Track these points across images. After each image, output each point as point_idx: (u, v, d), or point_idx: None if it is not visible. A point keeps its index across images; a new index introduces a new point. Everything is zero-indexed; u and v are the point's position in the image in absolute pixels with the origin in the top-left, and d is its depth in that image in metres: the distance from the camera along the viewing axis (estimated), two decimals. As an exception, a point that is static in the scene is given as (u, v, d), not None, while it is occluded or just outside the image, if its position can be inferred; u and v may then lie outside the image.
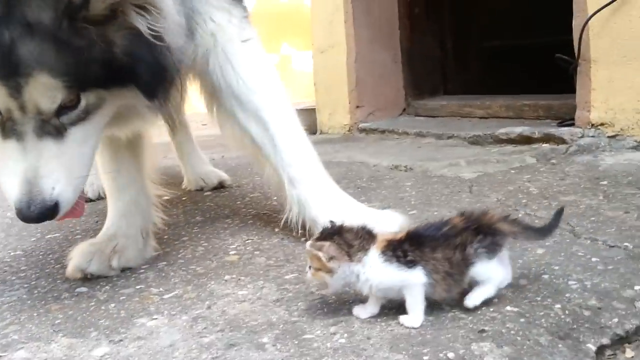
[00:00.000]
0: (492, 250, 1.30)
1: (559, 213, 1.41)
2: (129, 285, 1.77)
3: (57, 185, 1.42)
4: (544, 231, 1.42)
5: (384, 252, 1.28)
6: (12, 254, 2.22)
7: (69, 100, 1.41)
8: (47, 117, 1.40)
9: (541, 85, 3.97)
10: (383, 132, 4.36)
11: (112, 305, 1.63)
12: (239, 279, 1.71)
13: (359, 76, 4.68)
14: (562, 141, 3.02)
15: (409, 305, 1.29)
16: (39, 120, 1.40)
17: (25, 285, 1.85)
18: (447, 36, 4.93)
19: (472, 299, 1.31)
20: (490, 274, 1.32)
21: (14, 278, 1.94)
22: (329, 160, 3.53)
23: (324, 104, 5.04)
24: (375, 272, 1.27)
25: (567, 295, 1.36)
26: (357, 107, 4.71)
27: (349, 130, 4.76)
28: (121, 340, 1.40)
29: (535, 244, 1.66)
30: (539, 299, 1.36)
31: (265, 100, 1.92)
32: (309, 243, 1.31)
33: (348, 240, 1.28)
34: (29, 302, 1.71)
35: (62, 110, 1.42)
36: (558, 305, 1.31)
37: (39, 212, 1.40)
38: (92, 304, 1.65)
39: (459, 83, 4.88)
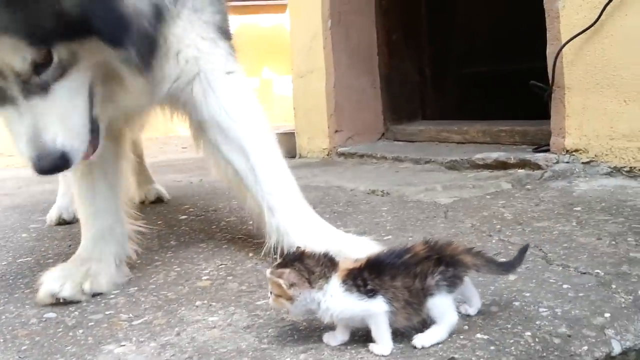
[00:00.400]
0: (453, 283, 1.28)
1: (524, 250, 1.39)
2: (99, 310, 1.74)
3: (58, 137, 1.51)
4: (507, 266, 1.40)
5: (344, 281, 1.26)
6: (-19, 278, 2.18)
7: (40, 57, 1.46)
8: (26, 77, 1.47)
9: (517, 112, 4.03)
10: (362, 156, 4.38)
11: (80, 331, 1.59)
12: (210, 305, 1.69)
13: (337, 101, 4.71)
14: (537, 167, 3.05)
15: (374, 334, 1.27)
16: (20, 81, 1.47)
17: (-8, 310, 1.81)
18: (425, 62, 4.99)
19: (421, 340, 1.27)
20: (446, 311, 1.28)
21: (-20, 303, 1.90)
22: (306, 185, 3.54)
23: (303, 128, 5.07)
24: (336, 301, 1.25)
25: (537, 322, 1.36)
26: (336, 131, 4.74)
27: (327, 155, 4.78)
28: (87, 369, 1.37)
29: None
30: (509, 326, 1.35)
31: (248, 131, 1.94)
32: (269, 270, 1.30)
33: (309, 266, 1.27)
34: (-6, 327, 1.67)
35: (38, 68, 1.47)
36: (528, 333, 1.31)
37: (49, 164, 1.52)
38: (60, 330, 1.62)
39: (437, 108, 4.94)
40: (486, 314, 1.41)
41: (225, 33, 1.98)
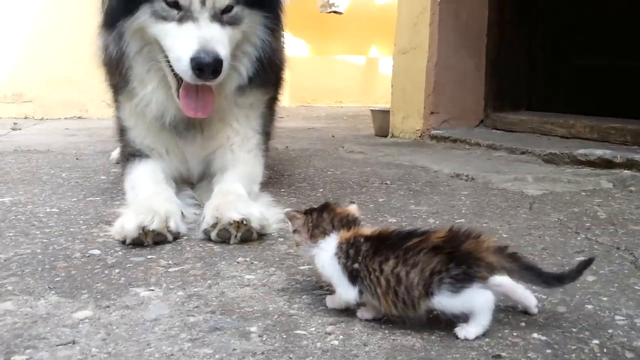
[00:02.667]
0: (461, 282, 1.09)
1: (587, 263, 1.16)
2: (142, 254, 1.68)
3: (221, 50, 1.98)
4: (553, 279, 1.16)
5: (340, 245, 1.21)
6: (47, 210, 2.20)
7: (229, 5, 2.06)
8: (217, 12, 2.04)
9: (631, 111, 3.65)
10: (455, 141, 4.14)
11: (117, 271, 1.54)
12: (252, 263, 1.59)
13: (437, 81, 4.46)
14: (645, 169, 2.73)
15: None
16: (212, 12, 2.03)
17: (45, 241, 1.81)
18: (538, 48, 4.62)
19: (465, 332, 1.12)
20: (464, 308, 1.10)
21: (37, 232, 1.91)
22: (389, 162, 3.38)
23: (399, 107, 4.85)
24: (323, 260, 1.23)
25: (609, 331, 1.15)
26: (432, 113, 4.50)
27: (420, 136, 4.56)
28: (108, 307, 1.30)
29: (587, 271, 1.43)
30: (574, 330, 1.15)
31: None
32: (287, 210, 1.32)
33: (320, 220, 1.25)
34: (39, 256, 1.65)
35: (224, 11, 2.06)
36: (596, 341, 1.11)
37: (212, 59, 1.93)
38: (98, 267, 1.57)
39: (544, 99, 4.57)
40: (549, 314, 1.22)
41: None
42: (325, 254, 1.22)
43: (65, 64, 6.69)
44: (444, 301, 1.10)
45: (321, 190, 2.58)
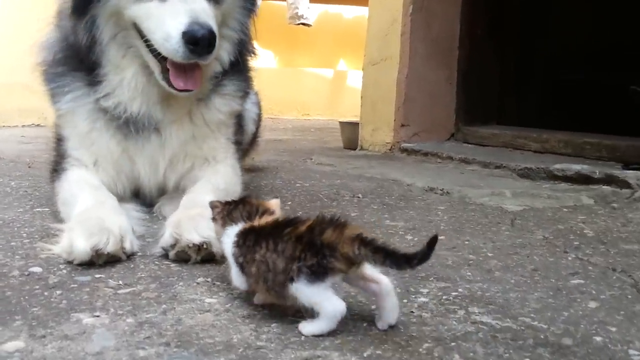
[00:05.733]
0: (317, 273, 1.09)
1: (433, 241, 1.10)
2: (89, 273, 1.49)
3: (212, 25, 1.81)
4: (404, 261, 1.09)
5: (238, 234, 1.26)
6: (-11, 222, 1.98)
7: None
8: None
9: (605, 127, 3.59)
10: (426, 154, 4.02)
11: (58, 292, 1.34)
12: (214, 284, 1.41)
13: (408, 93, 4.35)
14: (626, 185, 2.63)
15: None
16: None
17: (-21, 256, 1.60)
18: (510, 62, 4.56)
19: (305, 327, 1.13)
20: (314, 301, 1.10)
21: (-28, 247, 1.69)
22: (360, 174, 3.24)
23: (368, 120, 4.72)
24: (225, 247, 1.29)
25: (625, 367, 1.01)
26: (402, 125, 4.38)
27: (390, 149, 4.43)
28: (43, 337, 1.11)
29: (586, 296, 1.30)
30: (586, 366, 1.01)
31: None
32: (211, 200, 1.41)
33: (234, 210, 1.32)
34: (-29, 275, 1.44)
35: None
36: (613, 381, 0.97)
37: (207, 31, 1.76)
38: (38, 287, 1.38)
39: (516, 113, 4.51)
40: (555, 347, 1.07)
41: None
42: (228, 241, 1.27)
43: (24, 71, 6.38)
44: (301, 289, 1.10)
45: (289, 203, 2.41)
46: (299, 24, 8.68)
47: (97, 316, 1.21)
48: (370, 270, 1.14)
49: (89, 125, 2.04)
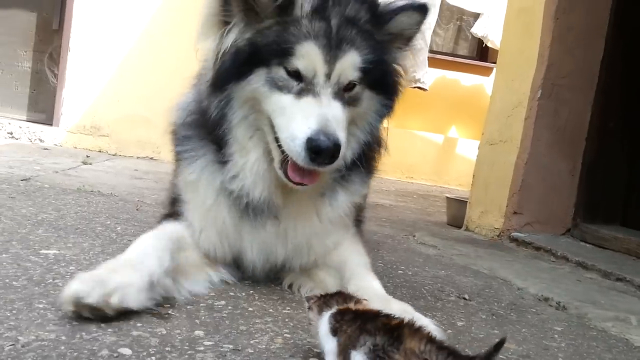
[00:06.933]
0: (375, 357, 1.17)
1: (500, 344, 1.10)
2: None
3: (340, 134, 1.78)
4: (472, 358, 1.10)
5: (329, 319, 1.35)
6: (90, 275, 1.99)
7: (352, 82, 1.89)
8: (340, 88, 1.86)
9: None
10: (538, 249, 3.77)
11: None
12: None
13: (525, 180, 4.13)
14: None
15: None
16: (336, 87, 1.85)
17: (74, 324, 1.55)
18: (639, 160, 4.24)
19: None
20: None
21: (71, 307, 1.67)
22: (465, 265, 3.06)
23: (478, 200, 4.53)
24: (320, 330, 1.38)
25: None
26: (515, 212, 4.15)
27: (498, 236, 4.21)
28: None
29: None
30: None
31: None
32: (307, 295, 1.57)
33: (331, 302, 1.42)
34: (62, 347, 1.40)
35: (346, 88, 1.88)
36: None
37: (332, 143, 1.73)
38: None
39: (642, 217, 4.15)
40: None
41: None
42: (322, 328, 1.37)
43: (146, 105, 6.74)
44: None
45: (391, 296, 2.27)
46: (414, 87, 8.62)
47: None
48: None
49: (213, 201, 2.05)
